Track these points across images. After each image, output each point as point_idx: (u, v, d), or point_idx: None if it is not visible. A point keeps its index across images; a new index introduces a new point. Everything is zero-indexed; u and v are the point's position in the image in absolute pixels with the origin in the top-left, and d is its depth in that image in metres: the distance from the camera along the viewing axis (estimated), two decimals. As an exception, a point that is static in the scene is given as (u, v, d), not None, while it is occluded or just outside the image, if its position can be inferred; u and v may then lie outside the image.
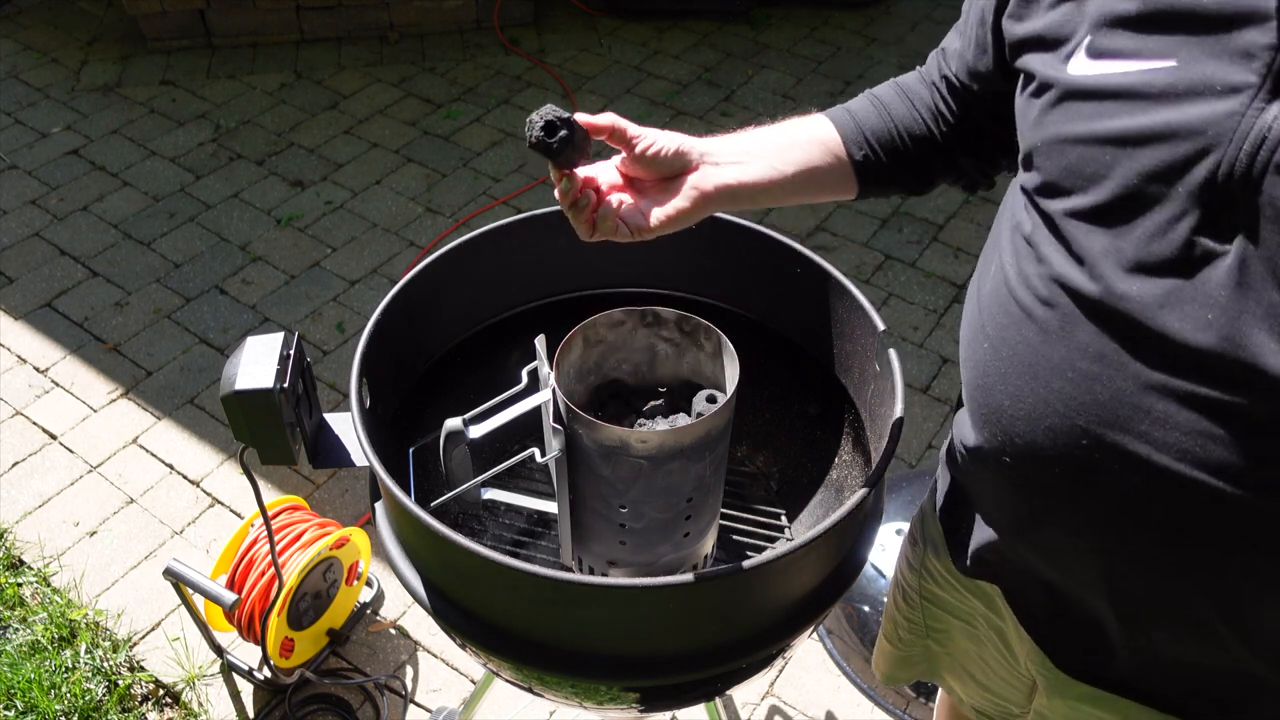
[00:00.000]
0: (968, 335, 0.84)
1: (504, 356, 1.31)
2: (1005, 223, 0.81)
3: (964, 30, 0.92)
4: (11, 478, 2.23)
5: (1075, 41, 0.70)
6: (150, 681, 1.87)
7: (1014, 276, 0.76)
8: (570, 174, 0.86)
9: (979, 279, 0.85)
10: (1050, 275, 0.71)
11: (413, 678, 1.88)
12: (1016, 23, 0.78)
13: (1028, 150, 0.75)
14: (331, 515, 2.11)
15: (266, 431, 0.99)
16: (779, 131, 0.95)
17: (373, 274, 2.79)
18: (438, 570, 1.00)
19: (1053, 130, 0.71)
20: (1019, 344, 0.75)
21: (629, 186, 0.90)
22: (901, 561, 1.17)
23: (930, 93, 0.98)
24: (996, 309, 0.78)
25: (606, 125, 0.86)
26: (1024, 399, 0.74)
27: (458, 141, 3.29)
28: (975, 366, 0.81)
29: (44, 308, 2.65)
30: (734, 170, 0.90)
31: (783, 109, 3.47)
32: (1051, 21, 0.73)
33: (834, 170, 0.95)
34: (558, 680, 0.97)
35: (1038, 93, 0.74)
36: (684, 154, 0.88)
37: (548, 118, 0.82)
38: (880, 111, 0.97)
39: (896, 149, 0.96)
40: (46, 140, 3.25)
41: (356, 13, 3.73)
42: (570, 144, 0.82)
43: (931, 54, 1.00)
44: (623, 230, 0.88)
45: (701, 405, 1.03)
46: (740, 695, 1.85)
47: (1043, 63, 0.73)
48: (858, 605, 1.83)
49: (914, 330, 2.65)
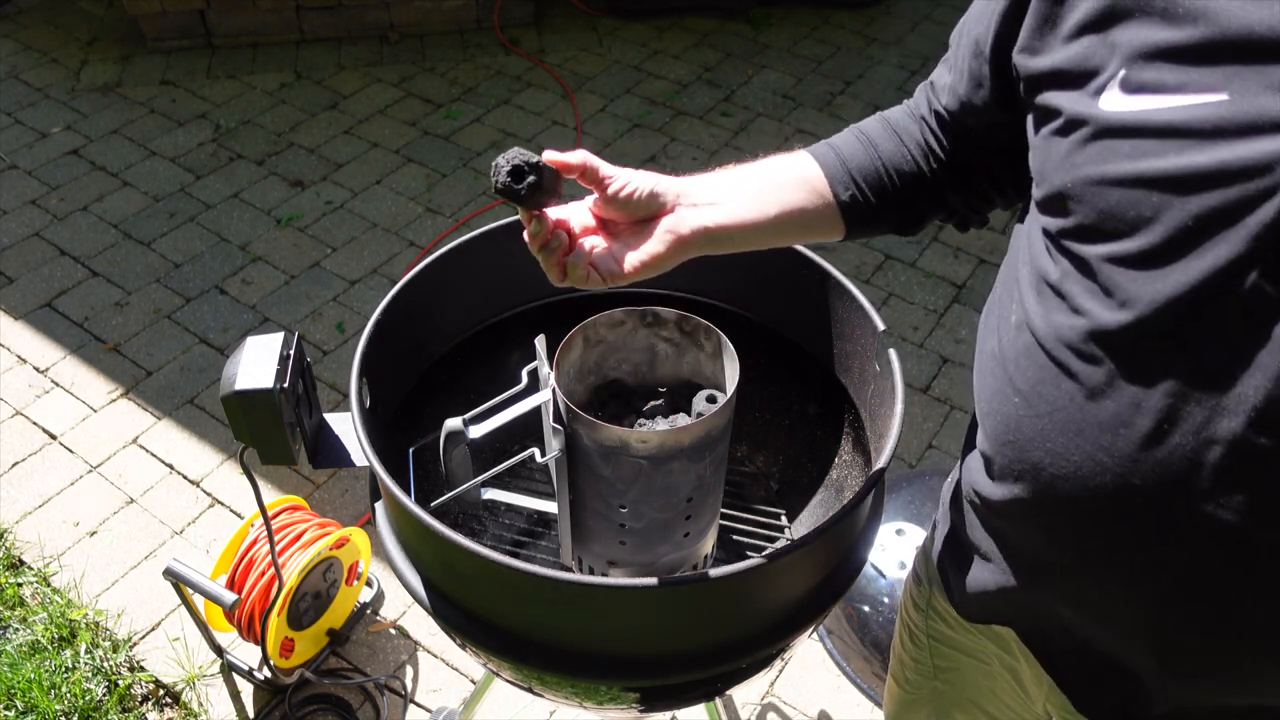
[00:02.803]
0: (991, 387, 0.78)
1: (504, 356, 1.31)
2: (1023, 267, 0.76)
3: (954, 63, 0.87)
4: (11, 478, 2.23)
5: (1106, 75, 0.65)
6: (150, 681, 1.87)
7: (1043, 328, 0.71)
8: (540, 215, 0.83)
9: (995, 326, 0.80)
10: (1090, 329, 0.66)
11: (413, 678, 1.88)
12: (1031, 57, 0.73)
13: (1055, 191, 0.69)
14: (331, 515, 2.11)
15: (266, 431, 0.99)
16: (760, 170, 0.91)
17: (373, 274, 2.79)
18: (438, 570, 1.00)
19: (1087, 171, 0.66)
20: (1058, 400, 0.70)
21: (602, 229, 0.87)
22: (906, 600, 1.13)
23: (919, 128, 0.93)
24: (1025, 362, 0.73)
25: (577, 164, 0.82)
26: (1068, 458, 0.70)
27: (458, 141, 3.29)
28: (1004, 422, 0.76)
29: (44, 308, 2.65)
30: (712, 212, 0.86)
31: (782, 109, 3.47)
32: (1073, 55, 0.68)
33: (819, 211, 0.91)
34: (558, 680, 0.97)
35: (1064, 130, 0.68)
36: (658, 195, 0.84)
37: (514, 162, 0.79)
38: (867, 148, 0.93)
39: (884, 187, 0.92)
40: (46, 140, 3.25)
41: (356, 13, 3.73)
42: (539, 189, 0.79)
43: (919, 87, 0.95)
44: (594, 277, 0.85)
45: (701, 405, 1.03)
46: (740, 695, 1.85)
47: (1069, 99, 0.68)
48: (858, 605, 1.84)
49: (914, 330, 2.65)
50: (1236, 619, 0.67)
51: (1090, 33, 0.67)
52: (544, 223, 0.83)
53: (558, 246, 0.84)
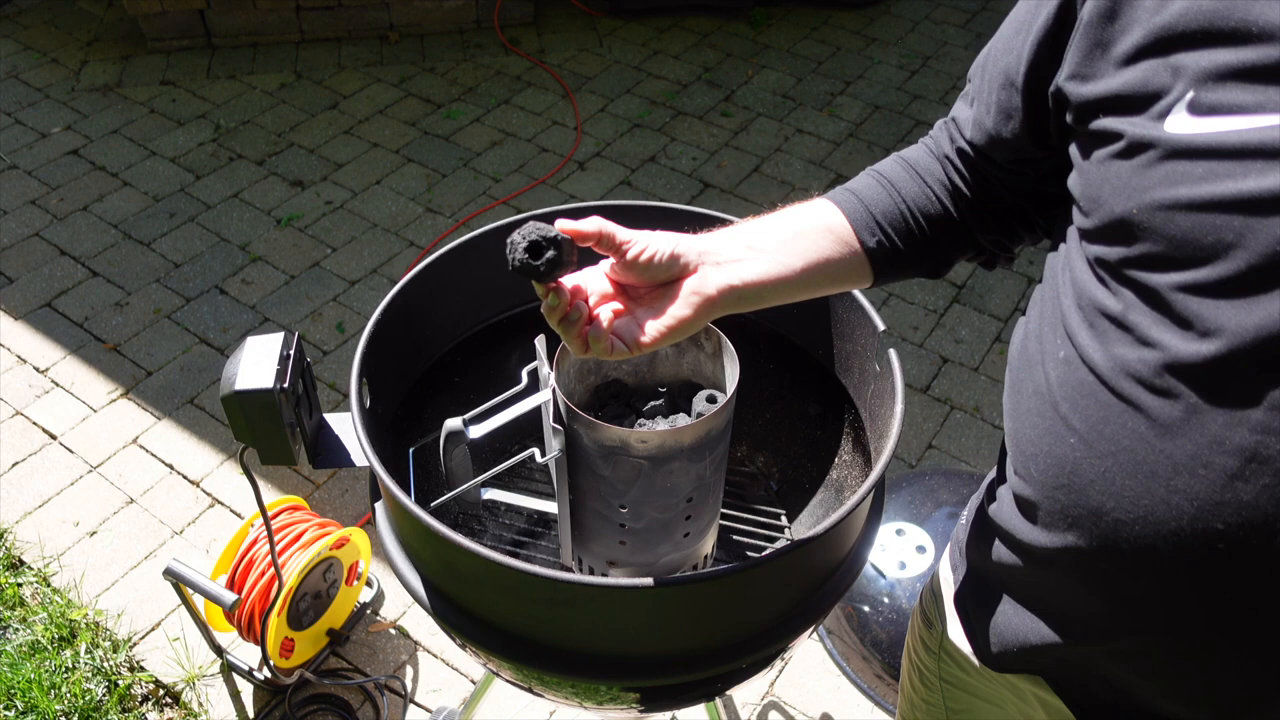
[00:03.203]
0: (1038, 427, 0.74)
1: (504, 356, 1.31)
2: (1066, 299, 0.72)
3: (981, 96, 0.84)
4: (11, 478, 2.23)
5: (1171, 98, 0.62)
6: (150, 681, 1.87)
7: (1103, 362, 0.67)
8: (557, 287, 0.79)
9: (1037, 362, 0.75)
10: (1164, 361, 0.62)
11: (413, 678, 1.88)
12: (1083, 83, 0.69)
13: (1115, 218, 0.65)
14: (331, 515, 2.11)
15: (266, 431, 0.99)
16: (782, 222, 0.88)
17: (373, 274, 2.79)
18: (438, 570, 1.00)
19: (1156, 195, 0.62)
20: (1124, 440, 0.65)
21: (621, 294, 0.83)
22: (914, 641, 1.09)
23: (942, 167, 0.89)
24: (1082, 399, 0.69)
25: (593, 232, 0.78)
26: (1137, 502, 0.65)
27: (458, 141, 3.29)
28: (1056, 464, 0.71)
29: (44, 308, 2.65)
30: (737, 269, 0.82)
31: (782, 109, 3.47)
32: (1131, 80, 0.65)
33: (846, 260, 0.87)
34: (558, 680, 0.97)
35: (1127, 153, 0.64)
36: (679, 257, 0.80)
37: (531, 238, 0.75)
38: (889, 191, 0.89)
39: (910, 231, 0.88)
40: (46, 140, 3.25)
41: (356, 13, 3.73)
42: (557, 264, 0.75)
43: (938, 124, 0.92)
44: (619, 347, 0.81)
45: (701, 405, 1.03)
46: (740, 695, 1.85)
47: (1130, 123, 0.64)
48: (858, 605, 1.84)
49: (914, 330, 2.65)
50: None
51: (1149, 57, 0.64)
52: (562, 295, 0.79)
53: (578, 318, 0.80)
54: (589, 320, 0.81)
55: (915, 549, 1.83)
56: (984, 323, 2.68)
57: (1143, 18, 0.64)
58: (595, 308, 0.82)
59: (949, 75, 3.72)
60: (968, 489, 1.95)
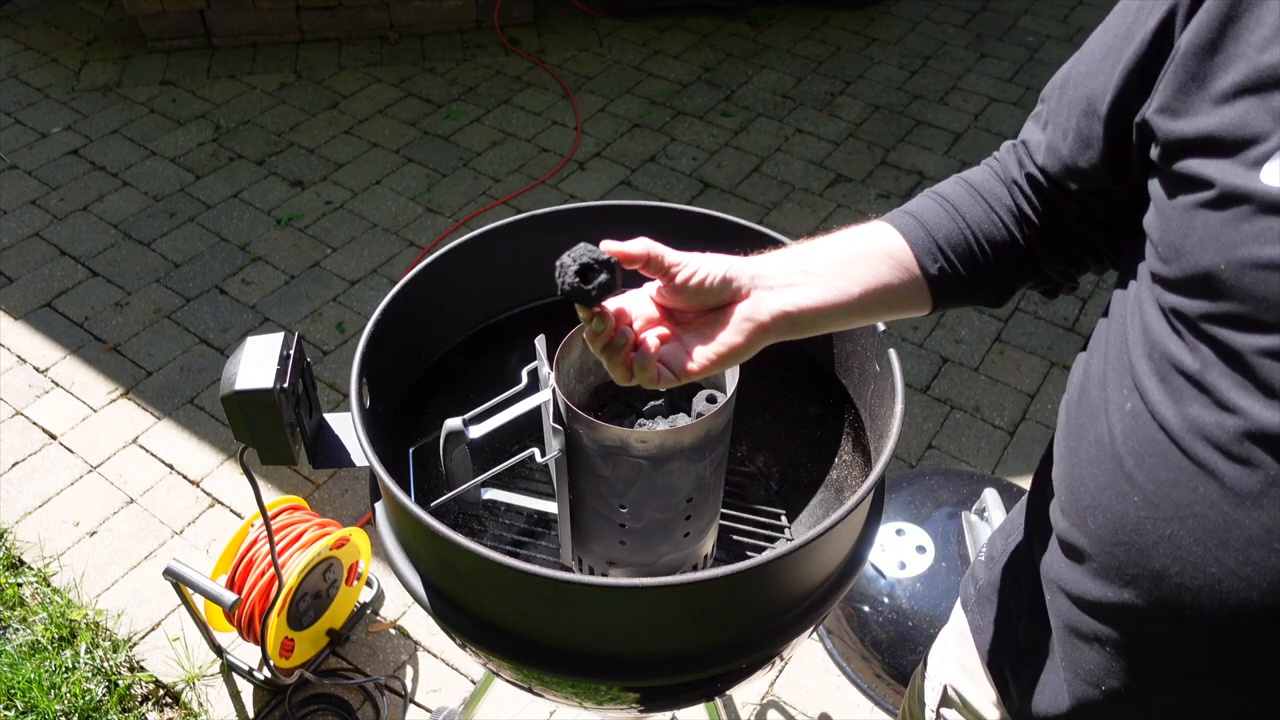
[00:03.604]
0: (1098, 479, 0.70)
1: (504, 356, 1.31)
2: (1136, 347, 0.68)
3: (1057, 121, 0.79)
4: (11, 478, 2.23)
5: (1269, 145, 0.58)
6: (150, 681, 1.87)
7: (1175, 422, 0.63)
8: (601, 311, 0.75)
9: (1100, 409, 0.72)
10: (1245, 429, 0.59)
11: (413, 678, 1.88)
12: (1173, 119, 0.64)
13: (1200, 271, 0.62)
14: (331, 515, 2.11)
15: (266, 431, 0.99)
16: (839, 244, 0.83)
17: (373, 274, 2.79)
18: (438, 570, 1.00)
19: (1247, 252, 0.58)
20: (1195, 505, 0.62)
21: (667, 319, 0.79)
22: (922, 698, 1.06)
23: (1008, 192, 0.84)
24: (1150, 456, 0.65)
25: (641, 254, 0.74)
26: (1204, 570, 0.63)
27: (458, 141, 3.29)
28: (1117, 520, 0.68)
29: (44, 308, 2.65)
30: (791, 294, 0.78)
31: (782, 109, 3.47)
32: (1227, 120, 0.60)
33: (905, 286, 0.82)
34: (558, 680, 0.97)
35: (1218, 204, 0.60)
36: (731, 280, 0.76)
37: (582, 260, 0.72)
38: (952, 215, 0.84)
39: (975, 258, 0.83)
40: (46, 140, 3.25)
41: (356, 13, 3.73)
42: (609, 288, 0.72)
43: (1005, 146, 0.87)
44: (666, 375, 0.77)
45: (701, 405, 1.03)
46: (740, 695, 1.85)
47: (1220, 169, 0.60)
48: (858, 605, 1.84)
49: (914, 330, 2.65)
50: None
51: (1249, 95, 0.59)
52: (606, 319, 0.76)
53: (623, 344, 0.77)
54: (635, 346, 0.77)
55: (915, 549, 1.83)
56: (984, 323, 2.68)
57: (1248, 54, 0.60)
58: (640, 333, 0.78)
59: (949, 75, 3.72)
60: (968, 489, 1.95)
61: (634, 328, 0.79)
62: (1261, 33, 0.59)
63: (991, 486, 1.81)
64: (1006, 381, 2.51)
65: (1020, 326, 2.68)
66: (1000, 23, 4.07)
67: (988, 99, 3.58)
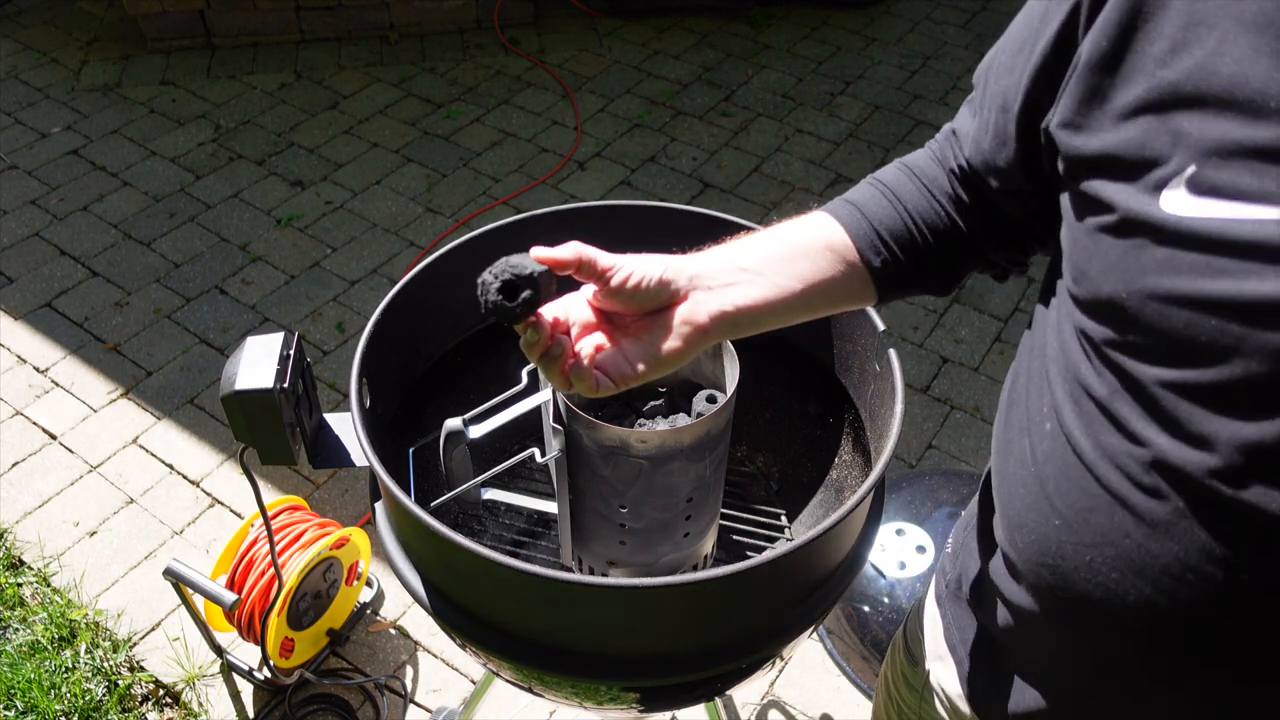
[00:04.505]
0: (1023, 499, 0.69)
1: (504, 356, 1.31)
2: (1053, 365, 0.66)
3: (980, 113, 0.76)
4: (11, 478, 2.23)
5: (1169, 169, 0.54)
6: (150, 681, 1.87)
7: (1089, 449, 0.62)
8: (536, 322, 0.73)
9: (1024, 425, 0.70)
10: (1153, 459, 0.57)
11: (413, 678, 1.88)
12: (1074, 134, 0.61)
13: (1103, 298, 0.59)
14: (331, 515, 2.11)
15: (266, 431, 0.99)
16: (778, 239, 0.80)
17: (373, 274, 2.79)
18: (438, 570, 1.00)
19: (1148, 283, 0.55)
20: (1111, 533, 0.61)
21: (605, 323, 0.77)
22: (894, 674, 1.06)
23: (948, 179, 0.82)
24: (1067, 484, 0.64)
25: (571, 259, 0.72)
26: (1124, 596, 0.62)
27: (458, 141, 3.29)
28: (1040, 543, 0.67)
29: (44, 308, 2.65)
30: (731, 293, 0.76)
31: (782, 109, 3.47)
32: (1129, 139, 0.57)
33: (848, 279, 0.80)
34: (558, 680, 0.97)
35: (1118, 230, 0.57)
36: (669, 283, 0.74)
37: (504, 278, 0.69)
38: (893, 203, 0.82)
39: (916, 247, 0.81)
40: (46, 140, 3.25)
41: (356, 13, 3.73)
42: (534, 304, 0.70)
43: (944, 130, 0.84)
44: (605, 384, 0.75)
45: (701, 405, 1.03)
46: (740, 695, 1.85)
47: (1122, 192, 0.57)
48: (858, 605, 1.84)
49: (914, 330, 2.65)
50: None
51: (1149, 114, 0.56)
52: (541, 329, 0.73)
53: (560, 354, 0.74)
54: (572, 355, 0.75)
55: (915, 549, 1.83)
56: (984, 323, 2.68)
57: (1148, 68, 0.57)
58: (577, 340, 0.76)
59: (949, 75, 3.72)
60: (968, 489, 1.95)
61: (571, 334, 0.76)
62: (1161, 45, 0.56)
63: (991, 486, 1.81)
64: (1006, 381, 2.51)
65: (1020, 326, 2.68)
66: (1000, 23, 4.07)
67: (988, 99, 3.58)
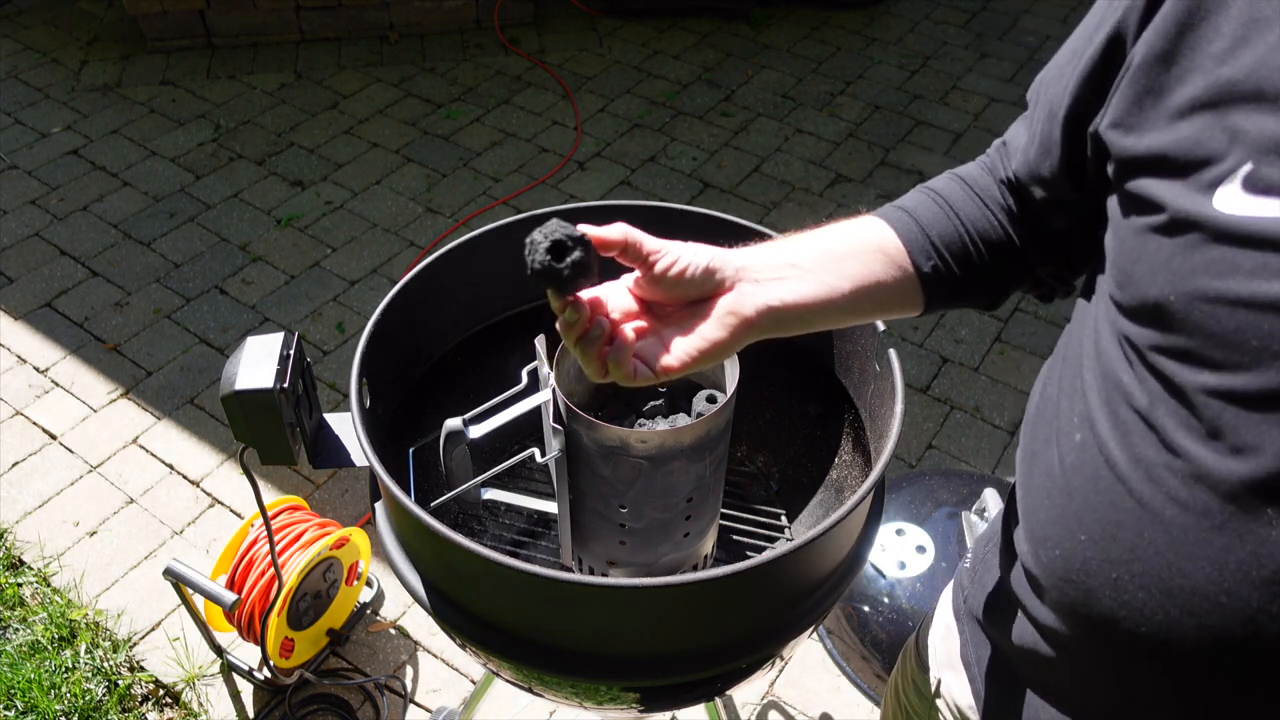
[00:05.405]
0: (1047, 512, 0.67)
1: (504, 356, 1.31)
2: (1090, 373, 0.64)
3: (1030, 123, 0.75)
4: (11, 478, 2.23)
5: (1224, 167, 0.53)
6: (150, 681, 1.87)
7: (1123, 461, 0.60)
8: (576, 301, 0.70)
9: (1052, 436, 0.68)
10: (1191, 472, 0.55)
11: (413, 678, 1.88)
12: (1126, 134, 0.60)
13: (1149, 301, 0.57)
14: (331, 515, 2.11)
15: (266, 431, 0.99)
16: (830, 238, 0.78)
17: (373, 274, 2.79)
18: (438, 570, 1.00)
19: (1198, 284, 0.54)
20: (1139, 549, 0.59)
21: (646, 312, 0.74)
22: (903, 681, 1.05)
23: (1000, 191, 0.81)
24: (1096, 496, 0.62)
25: (618, 239, 0.70)
26: (1151, 618, 0.59)
27: (458, 141, 3.29)
28: (1064, 559, 0.65)
29: (44, 308, 2.65)
30: (778, 288, 0.73)
31: (782, 109, 3.47)
32: (1183, 137, 0.56)
33: (897, 284, 0.78)
34: (558, 680, 0.97)
35: (1168, 230, 0.56)
36: (715, 272, 0.72)
37: (554, 237, 0.66)
38: (946, 212, 0.80)
39: (969, 257, 0.79)
40: (46, 140, 3.25)
41: (356, 13, 3.73)
42: (583, 268, 0.67)
43: (996, 143, 0.83)
44: (643, 372, 0.72)
45: (701, 405, 1.03)
46: (740, 695, 1.85)
47: (1173, 191, 0.56)
48: (858, 605, 1.83)
49: (914, 330, 2.65)
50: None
51: (1206, 111, 0.55)
52: (580, 309, 0.71)
53: (599, 336, 0.72)
54: (609, 339, 0.72)
55: (915, 549, 1.83)
56: (984, 323, 2.68)
57: (1205, 65, 0.56)
58: (618, 325, 0.73)
59: (949, 75, 3.72)
60: (968, 489, 1.95)
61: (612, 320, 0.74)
62: (1220, 43, 0.55)
63: (991, 486, 1.81)
64: (1006, 381, 2.51)
65: (1020, 326, 2.68)
66: (1000, 23, 4.07)
67: (988, 99, 3.58)
